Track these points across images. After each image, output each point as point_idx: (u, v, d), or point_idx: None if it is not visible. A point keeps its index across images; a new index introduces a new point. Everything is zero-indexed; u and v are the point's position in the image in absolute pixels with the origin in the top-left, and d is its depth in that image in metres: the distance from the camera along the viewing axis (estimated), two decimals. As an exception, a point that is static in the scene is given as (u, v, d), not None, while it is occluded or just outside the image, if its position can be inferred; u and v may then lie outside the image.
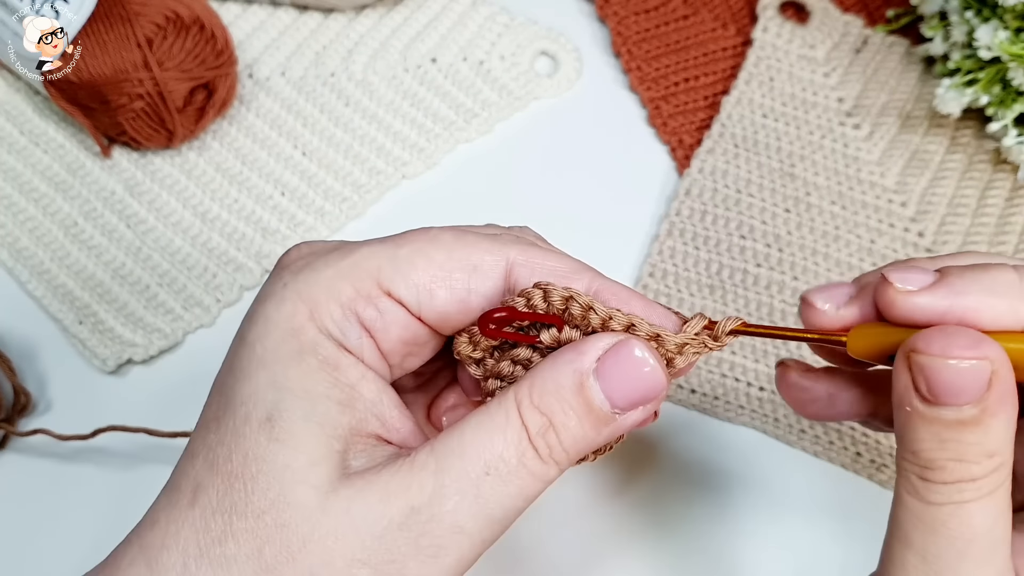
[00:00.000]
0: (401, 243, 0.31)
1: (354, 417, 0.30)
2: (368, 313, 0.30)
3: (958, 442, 0.27)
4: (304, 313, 0.30)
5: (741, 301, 0.52)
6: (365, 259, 0.30)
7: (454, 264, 0.31)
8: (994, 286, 0.28)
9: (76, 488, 0.48)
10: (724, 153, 0.56)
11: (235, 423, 0.29)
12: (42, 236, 0.53)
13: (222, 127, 0.56)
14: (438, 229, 0.32)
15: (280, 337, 0.29)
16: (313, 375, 0.29)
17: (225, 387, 0.30)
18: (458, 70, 0.58)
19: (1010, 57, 0.51)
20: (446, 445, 0.29)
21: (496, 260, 0.31)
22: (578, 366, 0.29)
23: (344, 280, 0.30)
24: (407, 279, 0.30)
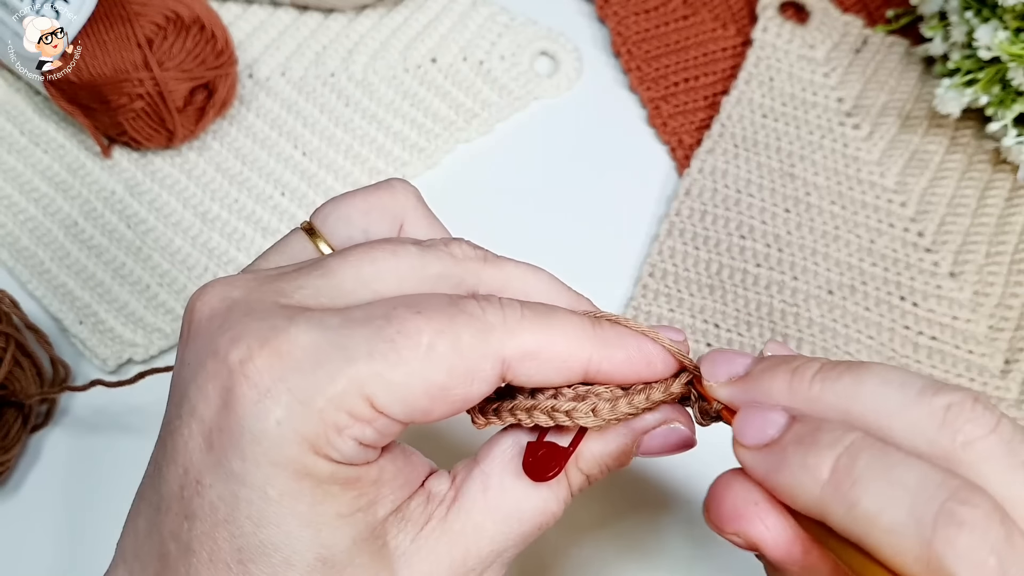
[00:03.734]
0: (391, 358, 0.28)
1: (386, 506, 0.30)
2: (366, 434, 0.28)
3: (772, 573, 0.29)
4: (308, 451, 0.27)
5: (741, 301, 0.52)
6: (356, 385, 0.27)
7: (452, 383, 0.29)
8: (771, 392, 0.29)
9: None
10: (724, 153, 0.56)
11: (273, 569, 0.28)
12: (42, 236, 0.53)
13: (222, 127, 0.56)
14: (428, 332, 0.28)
15: (291, 479, 0.27)
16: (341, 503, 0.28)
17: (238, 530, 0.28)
18: (458, 70, 0.58)
19: (1010, 57, 0.51)
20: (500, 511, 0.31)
21: (492, 367, 0.29)
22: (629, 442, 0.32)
23: (338, 411, 0.27)
24: (404, 405, 0.28)
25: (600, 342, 0.31)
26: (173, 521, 0.28)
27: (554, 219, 0.55)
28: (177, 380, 0.30)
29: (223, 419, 0.28)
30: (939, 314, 0.51)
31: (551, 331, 0.30)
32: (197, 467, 0.28)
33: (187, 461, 0.28)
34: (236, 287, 0.30)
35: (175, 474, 0.28)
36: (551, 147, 0.57)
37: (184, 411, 0.28)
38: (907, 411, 0.26)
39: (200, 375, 0.28)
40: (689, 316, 0.52)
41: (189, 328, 0.30)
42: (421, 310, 0.28)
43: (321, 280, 0.30)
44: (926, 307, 0.52)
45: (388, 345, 0.28)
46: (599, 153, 0.57)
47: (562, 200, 0.56)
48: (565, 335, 0.30)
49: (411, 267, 0.31)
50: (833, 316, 0.51)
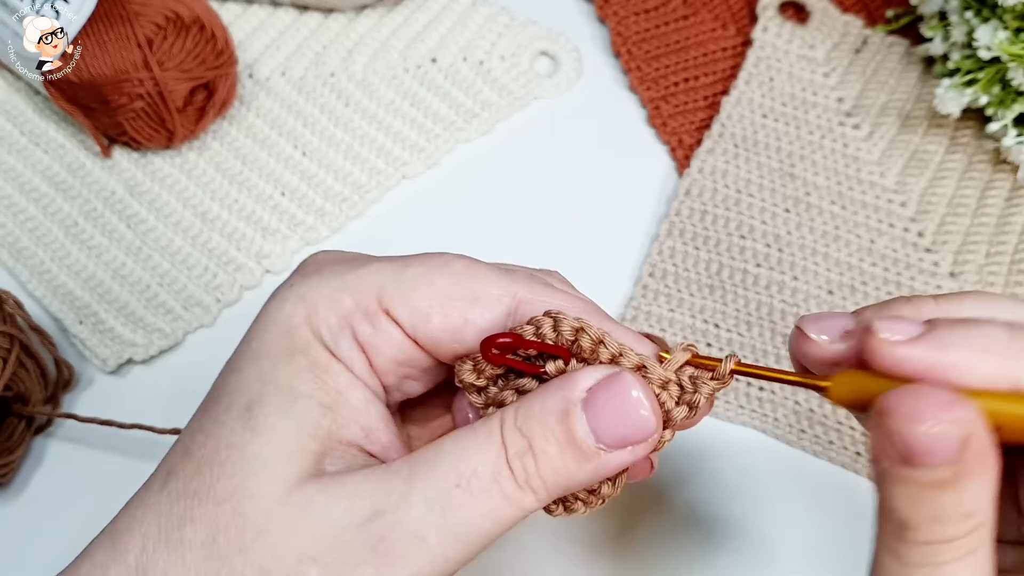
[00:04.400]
0: (409, 264, 0.31)
1: (336, 422, 0.30)
2: (363, 328, 0.30)
3: (933, 502, 0.26)
4: (301, 315, 0.30)
5: (741, 301, 0.52)
6: (370, 275, 0.30)
7: (455, 291, 0.30)
8: (983, 343, 0.26)
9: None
10: (724, 153, 0.56)
11: (217, 411, 0.29)
12: (42, 236, 0.53)
13: (222, 127, 0.56)
14: (451, 256, 0.31)
15: (275, 334, 0.30)
16: (300, 374, 0.29)
17: (218, 381, 0.31)
18: (458, 70, 0.58)
19: (1010, 57, 0.51)
20: (423, 454, 0.29)
21: (500, 293, 0.30)
22: (567, 393, 0.29)
23: (346, 292, 0.30)
24: (406, 300, 0.30)
25: (605, 317, 0.32)
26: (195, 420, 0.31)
27: (554, 219, 0.55)
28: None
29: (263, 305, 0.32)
30: (939, 314, 0.51)
31: (563, 295, 0.31)
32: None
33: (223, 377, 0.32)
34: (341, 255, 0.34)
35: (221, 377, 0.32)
36: (551, 147, 0.57)
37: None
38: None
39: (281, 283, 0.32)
40: (689, 316, 0.52)
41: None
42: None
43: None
44: (926, 307, 0.52)
45: (411, 257, 0.31)
46: (599, 153, 0.57)
47: (562, 200, 0.56)
48: (575, 300, 0.31)
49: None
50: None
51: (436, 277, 0.30)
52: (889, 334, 0.27)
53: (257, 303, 0.55)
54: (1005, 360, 0.26)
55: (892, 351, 0.27)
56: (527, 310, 0.30)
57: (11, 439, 0.46)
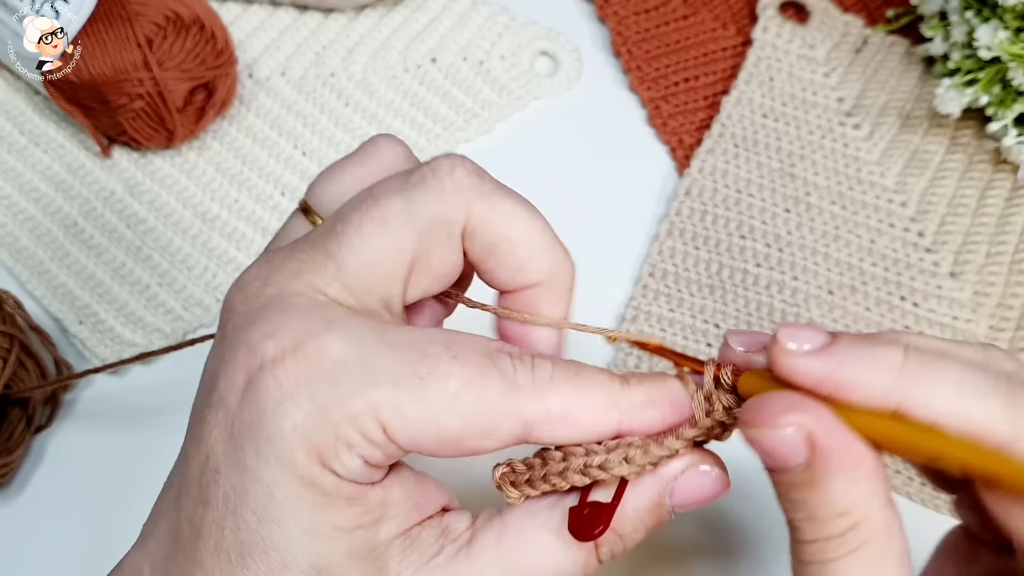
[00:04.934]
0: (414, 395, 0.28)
1: (391, 528, 0.30)
2: (374, 456, 0.28)
3: (804, 503, 0.27)
4: (315, 460, 0.28)
5: (741, 301, 0.52)
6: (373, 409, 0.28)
7: (467, 432, 0.29)
8: (877, 363, 0.27)
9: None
10: (724, 153, 0.56)
11: (269, 568, 0.28)
12: (42, 236, 0.53)
13: (222, 127, 0.56)
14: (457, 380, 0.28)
15: (298, 484, 0.28)
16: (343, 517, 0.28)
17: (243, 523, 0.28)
18: (458, 70, 0.58)
19: (1010, 57, 0.51)
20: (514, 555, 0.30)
21: (512, 427, 0.29)
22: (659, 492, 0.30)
23: (352, 428, 0.28)
24: (415, 441, 0.28)
25: (629, 404, 0.30)
26: (191, 505, 0.29)
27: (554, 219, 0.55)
28: (209, 369, 0.30)
29: (245, 412, 0.28)
30: (939, 314, 0.51)
31: (579, 395, 0.30)
32: (217, 456, 0.28)
33: (209, 449, 0.29)
34: (270, 283, 0.30)
35: (198, 460, 0.29)
36: (551, 147, 0.57)
37: (213, 399, 0.29)
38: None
39: (231, 366, 0.29)
40: (689, 316, 0.52)
41: (227, 318, 0.30)
42: (457, 355, 0.29)
43: (335, 274, 0.30)
44: (926, 307, 0.52)
45: (416, 382, 0.28)
46: (599, 153, 0.57)
47: (562, 200, 0.55)
48: (593, 399, 0.30)
49: (404, 229, 0.31)
50: (833, 316, 0.51)
51: (445, 419, 0.28)
52: (792, 344, 0.28)
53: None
54: (894, 383, 0.27)
55: (788, 361, 0.27)
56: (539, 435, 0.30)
57: (11, 438, 0.46)
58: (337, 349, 0.28)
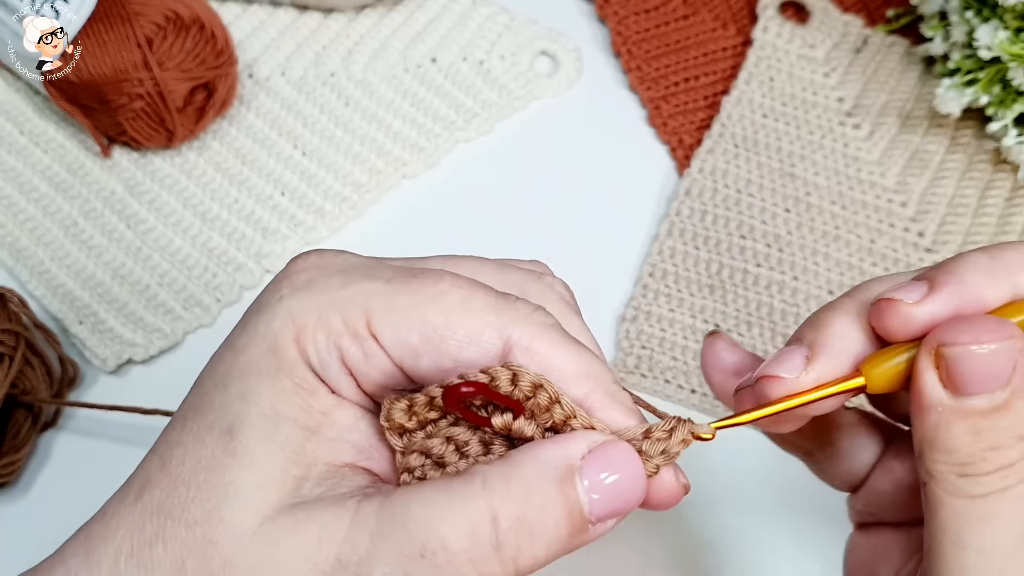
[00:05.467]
0: (405, 287, 0.28)
1: (321, 445, 0.29)
2: (352, 352, 0.28)
3: (992, 430, 0.27)
4: (290, 333, 0.28)
5: (741, 301, 0.52)
6: (363, 295, 0.28)
7: (448, 332, 0.28)
8: (980, 268, 0.28)
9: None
10: (724, 153, 0.56)
11: (199, 428, 0.28)
12: (42, 236, 0.53)
13: (222, 127, 0.56)
14: (449, 281, 0.29)
15: (262, 352, 0.29)
16: (284, 396, 0.28)
17: (202, 389, 0.30)
18: (458, 70, 0.58)
19: (1010, 57, 0.51)
20: (390, 509, 0.27)
21: (493, 337, 0.28)
22: (565, 452, 0.27)
23: (336, 311, 0.28)
24: (397, 332, 0.28)
25: (608, 393, 0.29)
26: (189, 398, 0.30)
27: (554, 219, 0.55)
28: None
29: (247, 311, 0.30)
30: (939, 314, 0.51)
31: (569, 352, 0.29)
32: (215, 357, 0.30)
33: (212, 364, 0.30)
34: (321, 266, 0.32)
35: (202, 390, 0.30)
36: (551, 147, 0.57)
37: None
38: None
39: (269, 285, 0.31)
40: (689, 316, 0.52)
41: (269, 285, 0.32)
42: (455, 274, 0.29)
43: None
44: (926, 307, 0.52)
45: (408, 277, 0.29)
46: (599, 153, 0.57)
47: (562, 200, 0.56)
48: (578, 364, 0.29)
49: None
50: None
51: (429, 311, 0.28)
52: (907, 297, 0.28)
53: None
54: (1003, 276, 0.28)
55: (920, 310, 0.28)
56: (519, 358, 0.28)
57: (17, 437, 0.47)
58: (351, 257, 0.30)
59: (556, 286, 0.32)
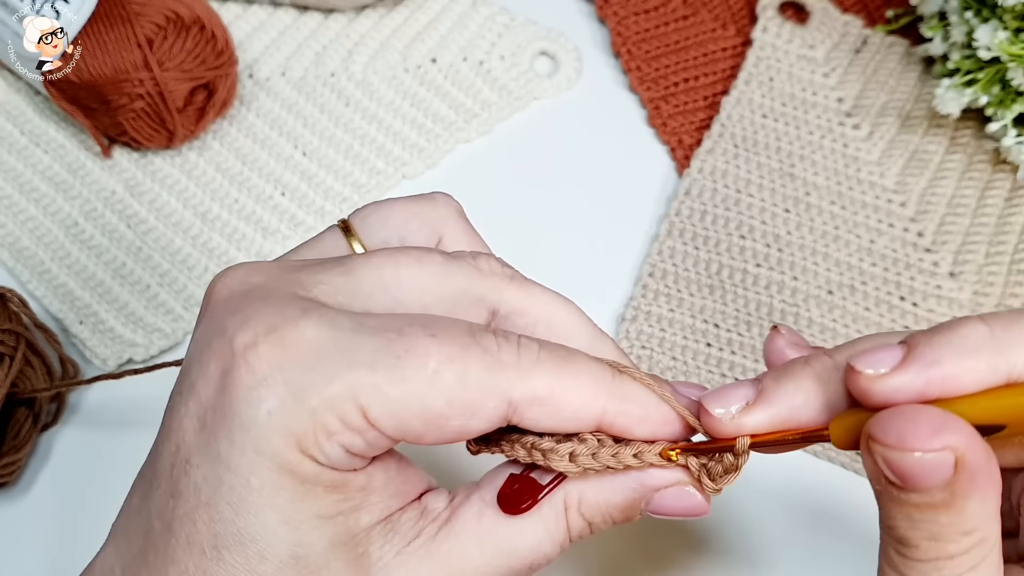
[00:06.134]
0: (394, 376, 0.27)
1: (373, 514, 0.29)
2: (355, 443, 0.28)
3: (931, 523, 0.26)
4: (294, 448, 0.27)
5: (741, 301, 0.52)
6: (353, 391, 0.27)
7: (452, 412, 0.28)
8: (966, 345, 0.26)
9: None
10: (724, 153, 0.56)
11: (246, 559, 0.27)
12: (42, 236, 0.53)
13: (222, 127, 0.56)
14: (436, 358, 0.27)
15: (274, 472, 0.27)
16: (325, 504, 0.28)
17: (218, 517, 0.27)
18: (458, 70, 0.59)
19: (1009, 57, 0.51)
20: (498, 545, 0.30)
21: (497, 405, 0.28)
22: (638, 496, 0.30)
23: (330, 413, 0.27)
24: (397, 423, 0.28)
25: (618, 396, 0.30)
26: (161, 498, 0.28)
27: (554, 219, 0.55)
28: (186, 358, 0.30)
29: (218, 400, 0.27)
30: (939, 314, 0.51)
31: (566, 378, 0.29)
32: (188, 446, 0.28)
33: (180, 439, 0.28)
34: (257, 272, 0.30)
35: (168, 451, 0.28)
36: (551, 147, 0.57)
37: (185, 388, 0.29)
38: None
39: (205, 354, 0.28)
40: (689, 316, 0.52)
41: (205, 307, 0.30)
42: (436, 333, 0.28)
43: (341, 278, 0.30)
44: (926, 307, 0.52)
45: (393, 360, 0.27)
46: (599, 153, 0.57)
47: (562, 200, 0.56)
48: (581, 384, 0.29)
49: (434, 276, 0.30)
50: (833, 316, 0.51)
51: (428, 397, 0.27)
52: (872, 369, 0.26)
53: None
54: (993, 355, 0.26)
55: (882, 385, 0.26)
56: (524, 413, 0.29)
57: (18, 436, 0.47)
58: (312, 333, 0.27)
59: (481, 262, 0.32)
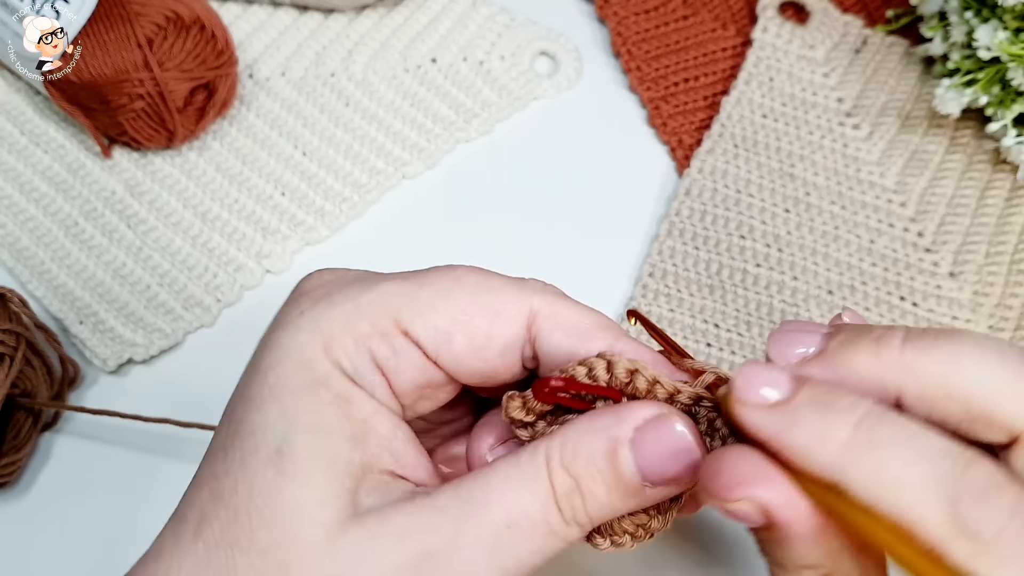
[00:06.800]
0: (424, 282, 0.30)
1: (366, 453, 0.29)
2: (383, 351, 0.29)
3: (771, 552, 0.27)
4: (318, 345, 0.28)
5: (741, 301, 0.52)
6: (385, 295, 0.29)
7: (476, 309, 0.30)
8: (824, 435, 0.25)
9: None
10: (724, 153, 0.56)
11: (243, 454, 0.28)
12: (42, 236, 0.53)
13: (222, 127, 0.56)
14: (463, 269, 0.31)
15: (293, 367, 0.28)
16: (324, 409, 0.28)
17: (235, 415, 0.29)
18: (458, 70, 0.59)
19: (1009, 57, 0.51)
20: (470, 491, 0.28)
21: (519, 308, 0.30)
22: (614, 433, 0.28)
23: (362, 315, 0.29)
24: (426, 320, 0.29)
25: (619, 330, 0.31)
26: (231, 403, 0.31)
27: (554, 219, 0.55)
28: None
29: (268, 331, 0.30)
30: (939, 314, 0.51)
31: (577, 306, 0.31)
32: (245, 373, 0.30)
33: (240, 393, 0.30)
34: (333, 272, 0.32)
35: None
36: (551, 147, 0.57)
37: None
38: (1011, 388, 0.25)
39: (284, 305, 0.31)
40: (689, 316, 0.52)
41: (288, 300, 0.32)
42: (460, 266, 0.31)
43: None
44: (926, 307, 0.52)
45: (421, 274, 0.30)
46: (599, 153, 0.57)
47: (562, 200, 0.56)
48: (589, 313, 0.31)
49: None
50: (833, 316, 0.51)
51: (455, 295, 0.30)
52: (743, 394, 0.26)
53: (257, 303, 0.55)
54: (837, 458, 0.25)
55: (741, 412, 0.26)
56: (542, 324, 0.30)
57: (18, 437, 0.47)
58: (354, 273, 0.31)
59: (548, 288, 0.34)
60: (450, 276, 0.30)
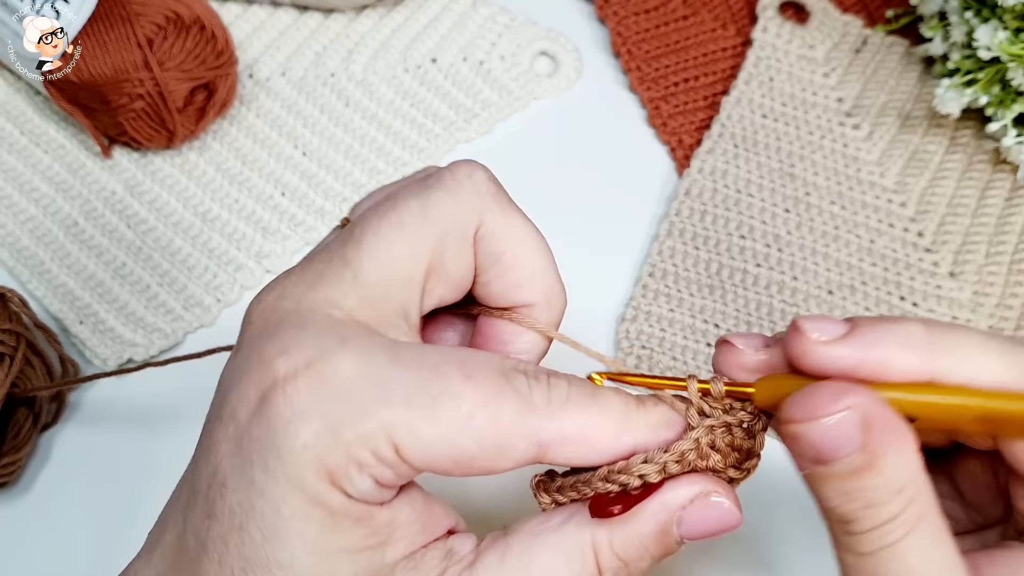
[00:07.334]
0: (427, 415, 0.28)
1: (398, 550, 0.29)
2: (385, 475, 0.28)
3: (861, 490, 0.27)
4: (325, 479, 0.28)
5: (741, 301, 0.52)
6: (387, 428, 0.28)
7: (482, 452, 0.29)
8: (905, 339, 0.28)
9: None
10: (724, 153, 0.56)
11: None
12: (42, 236, 0.53)
13: (222, 127, 0.56)
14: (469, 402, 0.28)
15: (303, 503, 0.28)
16: (352, 538, 0.28)
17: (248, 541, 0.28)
18: (458, 70, 0.59)
19: (1009, 57, 0.51)
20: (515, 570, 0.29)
21: (526, 448, 0.29)
22: (663, 519, 0.30)
23: (364, 448, 0.28)
24: (428, 460, 0.28)
25: (645, 426, 0.30)
26: (197, 518, 0.29)
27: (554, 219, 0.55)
28: (223, 382, 0.30)
29: (255, 427, 0.28)
30: (939, 314, 0.51)
31: (595, 416, 0.30)
32: (225, 469, 0.28)
33: (217, 462, 0.29)
34: (285, 297, 0.30)
35: (206, 472, 0.29)
36: (551, 147, 0.57)
37: (224, 413, 0.29)
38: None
39: (244, 380, 0.29)
40: (689, 316, 0.52)
41: (242, 335, 0.31)
42: (471, 374, 0.29)
43: (352, 284, 0.30)
44: (926, 307, 0.52)
45: (428, 401, 0.28)
46: (599, 153, 0.57)
47: (562, 200, 0.56)
48: (609, 420, 0.30)
49: (422, 231, 0.31)
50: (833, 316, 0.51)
51: (460, 441, 0.28)
52: (817, 334, 0.28)
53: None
54: (924, 354, 0.27)
55: (819, 351, 0.28)
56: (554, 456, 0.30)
57: (18, 436, 0.47)
58: (349, 368, 0.28)
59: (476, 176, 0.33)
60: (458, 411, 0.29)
